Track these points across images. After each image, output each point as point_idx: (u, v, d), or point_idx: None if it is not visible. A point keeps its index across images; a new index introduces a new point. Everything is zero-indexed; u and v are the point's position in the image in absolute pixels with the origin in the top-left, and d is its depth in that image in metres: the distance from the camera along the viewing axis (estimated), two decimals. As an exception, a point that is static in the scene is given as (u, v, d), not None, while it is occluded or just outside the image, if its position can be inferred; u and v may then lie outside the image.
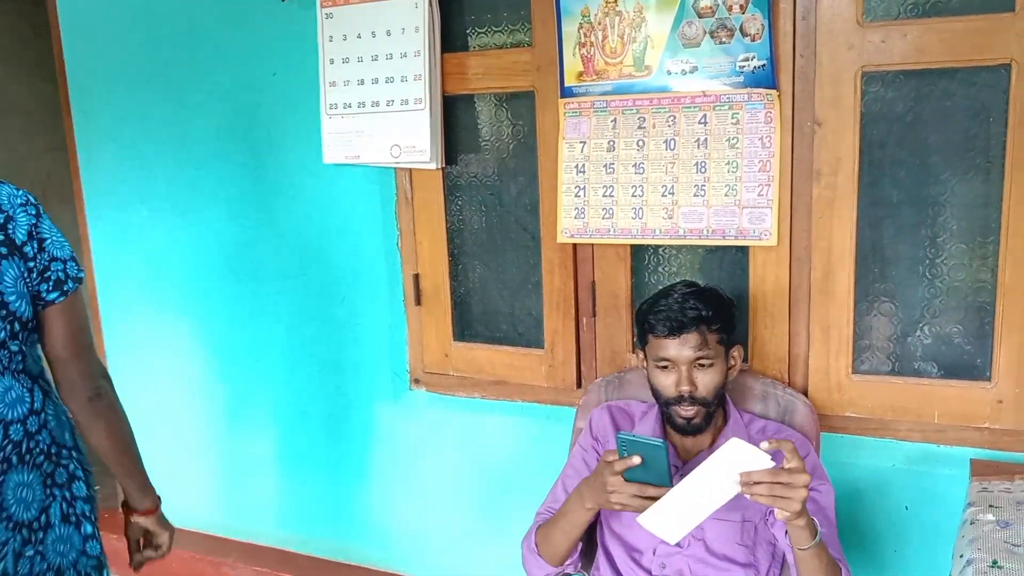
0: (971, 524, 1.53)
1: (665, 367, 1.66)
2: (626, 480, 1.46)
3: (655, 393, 1.71)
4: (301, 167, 2.48)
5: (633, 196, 2.06)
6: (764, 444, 1.37)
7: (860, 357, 2.00)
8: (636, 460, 1.43)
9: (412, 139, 2.22)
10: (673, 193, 2.03)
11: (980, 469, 1.74)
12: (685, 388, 1.64)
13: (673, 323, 1.63)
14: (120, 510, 1.74)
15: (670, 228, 2.04)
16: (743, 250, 2.05)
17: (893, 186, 1.91)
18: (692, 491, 1.39)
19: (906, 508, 1.96)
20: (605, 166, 2.08)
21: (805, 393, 2.01)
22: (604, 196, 2.09)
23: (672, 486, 1.42)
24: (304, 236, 2.54)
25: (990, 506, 1.57)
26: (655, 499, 1.43)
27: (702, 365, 1.65)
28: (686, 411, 1.66)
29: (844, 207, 1.92)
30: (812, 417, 1.87)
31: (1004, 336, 1.84)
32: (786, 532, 1.56)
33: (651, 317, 1.67)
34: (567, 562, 1.70)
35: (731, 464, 1.36)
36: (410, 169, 2.35)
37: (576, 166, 2.11)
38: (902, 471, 1.96)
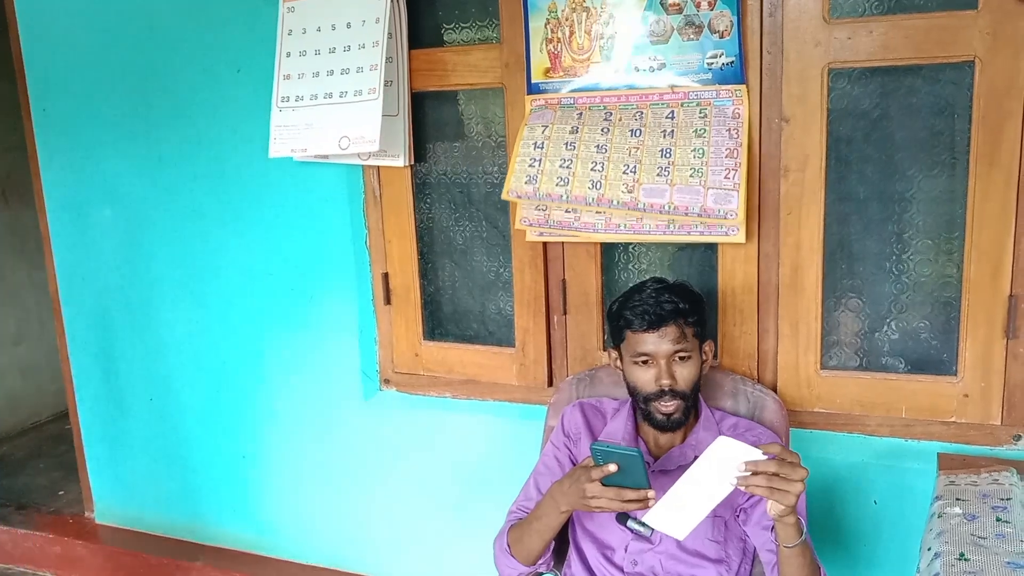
0: (938, 517, 1.54)
1: (645, 362, 1.66)
2: (604, 485, 1.46)
3: (633, 390, 1.70)
4: (268, 165, 2.44)
5: (592, 170, 1.97)
6: (741, 466, 1.36)
7: (829, 353, 2.01)
8: (612, 468, 1.43)
9: (361, 129, 2.12)
10: (635, 172, 1.94)
11: (947, 463, 1.76)
12: (666, 382, 1.63)
13: (651, 317, 1.62)
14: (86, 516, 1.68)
15: (629, 201, 1.92)
16: (712, 247, 2.05)
17: (860, 182, 1.92)
18: (691, 488, 1.39)
19: (875, 502, 1.98)
20: (566, 144, 2.00)
21: (774, 389, 2.01)
22: (561, 167, 1.99)
23: (649, 487, 1.43)
24: (271, 235, 2.51)
25: (957, 499, 1.58)
26: (634, 501, 1.43)
27: (681, 358, 1.65)
28: (666, 406, 1.65)
29: (812, 203, 1.93)
30: (782, 413, 1.87)
31: (970, 331, 1.86)
32: (772, 528, 1.56)
33: (627, 312, 1.66)
34: (539, 561, 1.69)
35: (721, 462, 1.36)
36: (378, 167, 2.32)
37: (535, 143, 2.03)
38: (871, 466, 1.97)
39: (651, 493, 1.43)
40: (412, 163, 2.27)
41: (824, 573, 1.53)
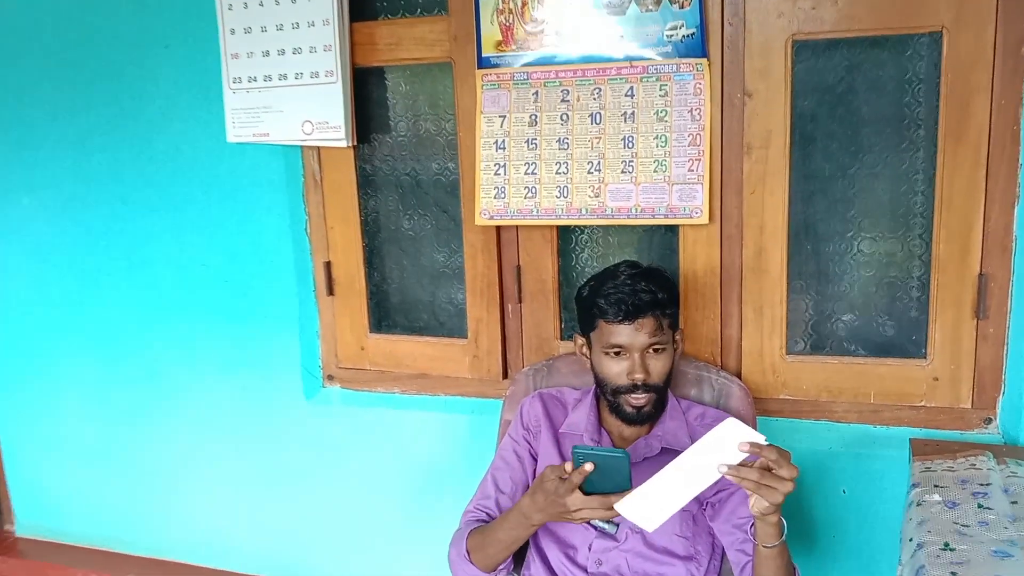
0: (918, 506, 1.47)
1: (617, 353, 1.56)
2: (586, 493, 1.34)
3: (602, 381, 1.61)
4: (199, 147, 2.28)
5: (557, 174, 1.95)
6: (745, 447, 1.27)
7: (794, 337, 1.94)
8: (589, 467, 1.32)
9: (325, 115, 2.06)
10: (599, 170, 1.92)
11: (920, 448, 1.69)
12: (639, 376, 1.53)
13: (628, 307, 1.52)
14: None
15: (597, 208, 1.93)
16: (673, 229, 1.96)
17: (825, 159, 1.85)
18: (676, 476, 1.30)
19: (844, 492, 1.91)
20: (527, 141, 1.96)
21: (738, 376, 1.93)
22: (526, 174, 1.97)
23: (632, 489, 1.32)
24: (204, 223, 2.34)
25: (935, 486, 1.51)
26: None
27: (656, 350, 1.55)
28: (637, 400, 1.56)
29: (776, 182, 1.85)
30: (748, 401, 1.79)
31: (939, 311, 1.80)
32: (746, 527, 1.47)
33: (601, 301, 1.55)
34: (500, 568, 1.57)
35: (721, 446, 1.28)
36: (318, 147, 2.18)
37: (496, 142, 1.98)
38: (839, 454, 1.90)
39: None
40: (355, 144, 2.13)
41: (798, 574, 1.45)
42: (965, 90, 1.70)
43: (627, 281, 1.55)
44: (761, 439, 1.28)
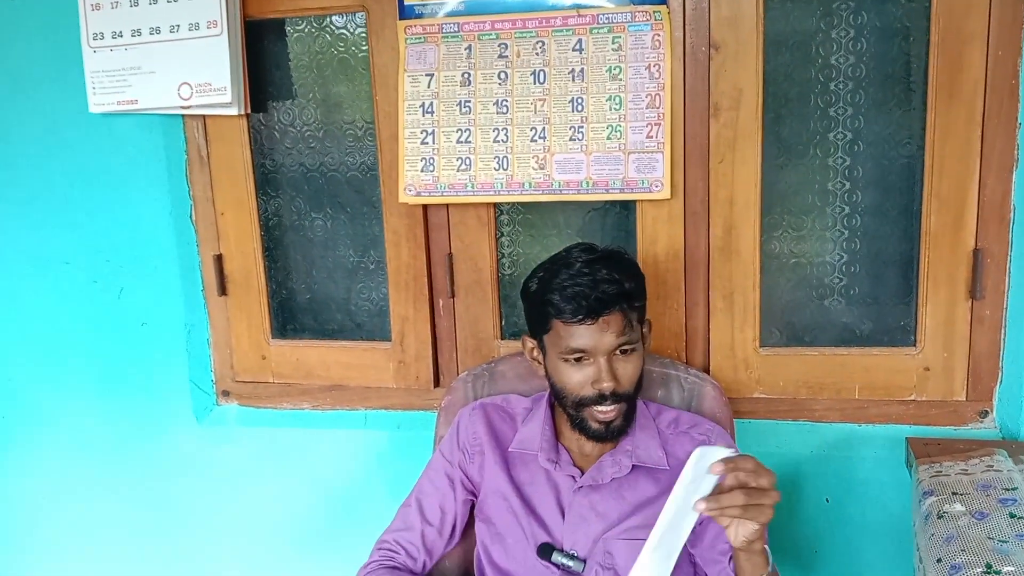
0: (939, 519, 1.24)
1: (579, 359, 1.28)
2: None
3: (560, 393, 1.33)
4: (59, 121, 1.89)
5: (495, 142, 1.66)
6: (718, 467, 1.02)
7: (769, 328, 1.70)
8: None
9: (207, 75, 1.71)
10: (544, 138, 1.64)
11: (921, 449, 1.48)
12: (608, 385, 1.26)
13: (590, 303, 1.24)
14: None
15: (542, 181, 1.65)
16: (629, 207, 1.71)
17: (802, 122, 1.62)
18: (666, 519, 1.06)
19: (827, 500, 1.69)
20: (459, 104, 1.66)
21: (707, 373, 1.68)
22: (459, 143, 1.67)
23: None
24: (65, 211, 1.94)
25: (953, 494, 1.29)
26: None
27: (624, 352, 1.27)
28: (606, 413, 1.29)
29: (747, 148, 1.61)
30: (722, 401, 1.55)
31: (930, 292, 1.60)
32: (730, 559, 1.22)
33: (555, 297, 1.26)
34: None
35: (698, 477, 1.04)
36: (204, 117, 1.82)
37: (422, 105, 1.68)
38: (821, 457, 1.68)
39: None
40: (248, 112, 1.79)
41: None
42: (958, 40, 1.50)
43: (584, 270, 1.27)
44: (731, 452, 1.05)
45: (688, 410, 1.51)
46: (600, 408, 1.28)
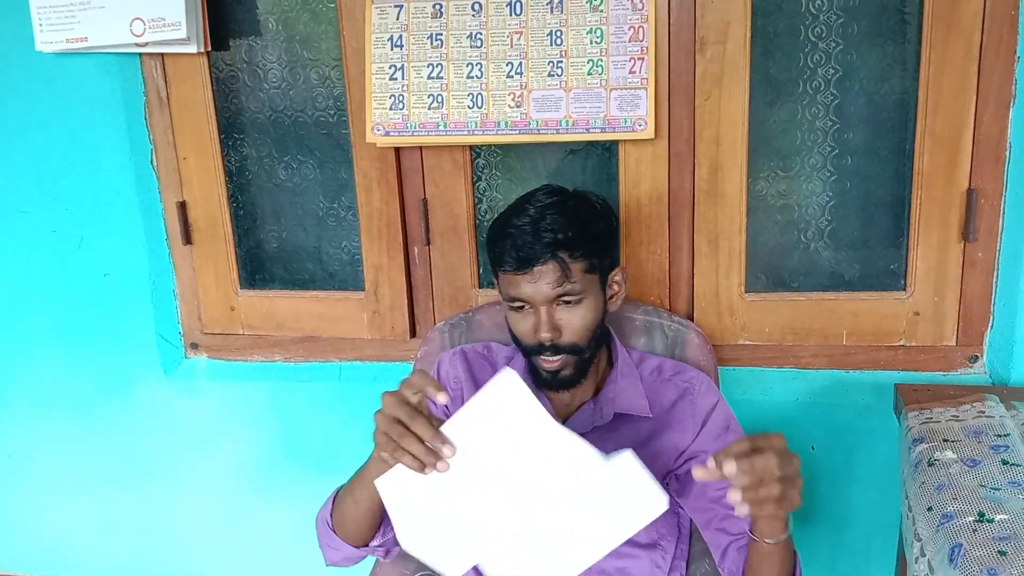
0: (929, 466, 1.20)
1: (519, 308, 1.24)
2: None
3: (515, 341, 1.30)
4: (7, 63, 1.77)
5: (469, 78, 1.57)
6: (710, 462, 0.94)
7: (755, 273, 1.65)
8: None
9: (159, 8, 1.61)
10: (521, 73, 1.56)
11: (910, 395, 1.43)
12: (546, 335, 1.22)
13: (521, 253, 1.19)
14: None
15: (519, 120, 1.57)
16: (611, 148, 1.63)
17: (791, 57, 1.54)
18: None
19: (812, 448, 1.65)
20: (430, 37, 1.57)
21: (690, 320, 1.63)
22: (430, 78, 1.58)
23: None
24: (21, 158, 1.84)
25: (944, 440, 1.25)
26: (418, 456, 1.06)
27: (567, 302, 1.22)
28: (550, 363, 1.25)
29: (734, 85, 1.54)
30: (706, 348, 1.50)
31: (921, 235, 1.54)
32: (733, 510, 1.17)
33: (496, 245, 1.24)
34: (373, 542, 1.24)
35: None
36: (162, 55, 1.72)
37: (390, 38, 1.58)
38: (807, 405, 1.64)
39: (446, 451, 1.02)
40: (208, 50, 1.68)
41: (799, 560, 1.16)
42: (956, -34, 1.42)
43: (526, 218, 1.22)
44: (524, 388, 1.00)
45: (671, 358, 1.46)
46: (543, 358, 1.25)
